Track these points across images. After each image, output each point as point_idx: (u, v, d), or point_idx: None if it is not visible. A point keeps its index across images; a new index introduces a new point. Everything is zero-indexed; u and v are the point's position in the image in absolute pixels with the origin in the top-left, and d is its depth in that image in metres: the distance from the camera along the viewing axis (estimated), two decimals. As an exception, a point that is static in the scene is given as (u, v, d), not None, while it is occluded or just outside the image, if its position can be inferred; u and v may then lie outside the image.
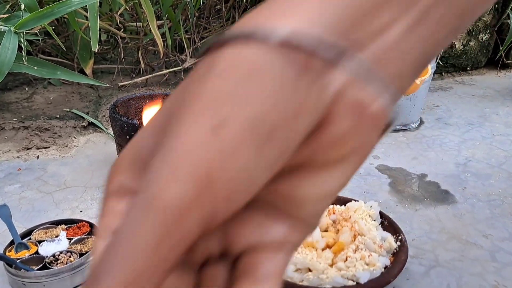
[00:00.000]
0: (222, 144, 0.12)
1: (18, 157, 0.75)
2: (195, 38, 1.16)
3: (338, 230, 0.46)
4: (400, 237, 0.46)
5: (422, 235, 0.54)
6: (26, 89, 1.05)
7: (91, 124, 0.87)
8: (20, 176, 0.69)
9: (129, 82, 1.05)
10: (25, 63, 0.68)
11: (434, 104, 0.97)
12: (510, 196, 0.62)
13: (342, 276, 0.41)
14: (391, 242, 0.45)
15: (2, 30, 0.66)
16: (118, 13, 1.03)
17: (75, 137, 0.83)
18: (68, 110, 0.93)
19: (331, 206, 0.51)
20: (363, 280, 0.41)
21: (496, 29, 1.16)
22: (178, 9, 1.03)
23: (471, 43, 1.14)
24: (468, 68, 1.21)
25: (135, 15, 1.13)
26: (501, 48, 1.13)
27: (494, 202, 0.60)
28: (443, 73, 1.18)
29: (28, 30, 0.70)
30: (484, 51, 1.19)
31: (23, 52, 0.68)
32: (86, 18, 0.94)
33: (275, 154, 0.13)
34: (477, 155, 0.74)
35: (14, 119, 0.88)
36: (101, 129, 0.86)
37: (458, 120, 0.89)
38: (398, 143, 0.79)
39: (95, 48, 0.71)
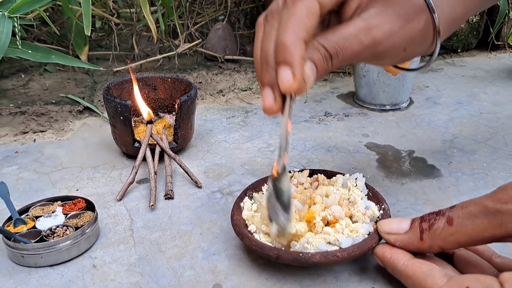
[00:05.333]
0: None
1: (15, 140, 0.77)
2: (189, 24, 1.17)
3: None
4: (383, 206, 0.48)
5: (407, 207, 0.56)
6: (22, 76, 1.06)
7: (86, 108, 0.89)
8: (18, 159, 0.71)
9: (123, 67, 1.06)
10: (20, 47, 0.69)
11: (424, 85, 0.99)
12: (494, 169, 0.64)
13: (325, 240, 0.43)
14: (374, 210, 0.47)
15: (-4, 15, 0.68)
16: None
17: (71, 121, 0.84)
18: (64, 95, 0.95)
19: (315, 176, 0.52)
20: (345, 245, 0.43)
21: (486, 10, 1.17)
22: (171, -5, 1.04)
23: (462, 25, 1.15)
24: (459, 50, 1.22)
25: (128, 1, 1.14)
26: (491, 30, 1.14)
27: (478, 175, 0.62)
28: (434, 55, 1.19)
29: (23, 15, 0.71)
30: (475, 33, 1.20)
31: (17, 36, 0.70)
32: (80, 4, 0.95)
33: None
34: (464, 132, 0.75)
35: (11, 105, 0.90)
36: (97, 113, 0.87)
37: (447, 100, 0.90)
38: (387, 122, 0.81)
39: (88, 32, 0.72)
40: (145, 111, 0.68)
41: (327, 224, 0.46)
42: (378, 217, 0.47)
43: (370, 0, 0.39)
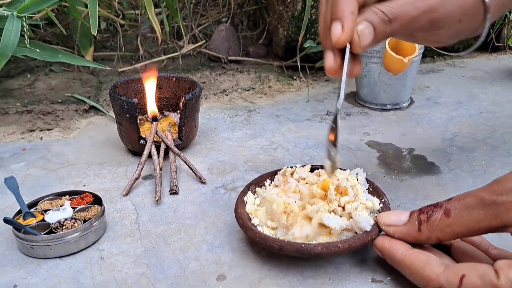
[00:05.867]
0: None
1: (22, 138, 0.78)
2: (192, 25, 1.18)
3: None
4: (383, 200, 0.50)
5: (407, 202, 0.57)
6: (28, 76, 1.08)
7: (92, 107, 0.90)
8: (25, 156, 0.72)
9: (128, 68, 1.08)
10: (28, 46, 0.71)
11: (425, 85, 1.00)
12: (492, 166, 0.65)
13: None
14: (374, 203, 0.48)
15: (5, 15, 0.69)
16: (117, 1, 1.06)
17: (77, 120, 0.86)
18: (69, 95, 0.96)
19: (317, 171, 0.54)
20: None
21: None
22: (175, -4, 1.06)
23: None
24: (461, 49, 1.24)
25: (133, 2, 1.16)
26: (491, 31, 1.15)
27: (477, 172, 0.63)
28: (434, 56, 1.21)
29: (31, 15, 0.73)
30: (475, 34, 1.22)
31: (25, 35, 0.71)
32: (86, 6, 0.97)
33: None
34: (463, 131, 0.77)
35: (18, 104, 0.91)
36: (102, 112, 0.89)
37: (447, 99, 0.92)
38: (388, 121, 0.82)
39: (94, 31, 0.74)
40: (150, 108, 0.70)
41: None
42: (378, 210, 0.49)
43: None
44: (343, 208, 0.46)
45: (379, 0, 0.46)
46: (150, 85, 0.70)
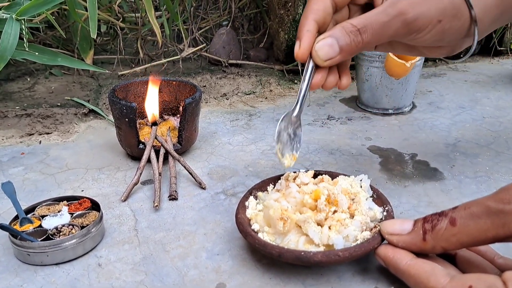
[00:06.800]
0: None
1: (21, 142, 0.78)
2: (193, 29, 1.18)
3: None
4: (387, 208, 0.49)
5: (410, 209, 0.56)
6: (28, 79, 1.07)
7: (91, 111, 0.90)
8: (24, 160, 0.71)
9: (128, 71, 1.07)
10: (27, 49, 0.70)
11: (427, 90, 0.99)
12: (497, 172, 0.64)
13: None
14: (376, 212, 0.47)
15: (4, 17, 0.69)
16: (117, 4, 1.05)
17: (76, 124, 0.85)
18: (69, 98, 0.96)
19: (320, 176, 0.53)
20: (339, 246, 0.43)
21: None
22: (175, 0, 1.05)
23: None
24: (462, 56, 1.23)
25: (134, 5, 1.15)
26: (494, 36, 1.14)
27: (481, 178, 0.63)
28: (436, 60, 1.20)
29: (30, 17, 0.72)
30: (478, 38, 1.21)
31: (24, 39, 0.71)
32: (86, 9, 0.96)
33: None
34: (467, 136, 0.76)
35: (17, 107, 0.91)
36: (102, 115, 0.88)
37: (449, 104, 0.91)
38: (390, 126, 0.81)
39: (94, 35, 0.73)
40: (150, 113, 0.69)
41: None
42: (382, 219, 0.48)
43: None
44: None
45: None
46: (153, 91, 0.70)
